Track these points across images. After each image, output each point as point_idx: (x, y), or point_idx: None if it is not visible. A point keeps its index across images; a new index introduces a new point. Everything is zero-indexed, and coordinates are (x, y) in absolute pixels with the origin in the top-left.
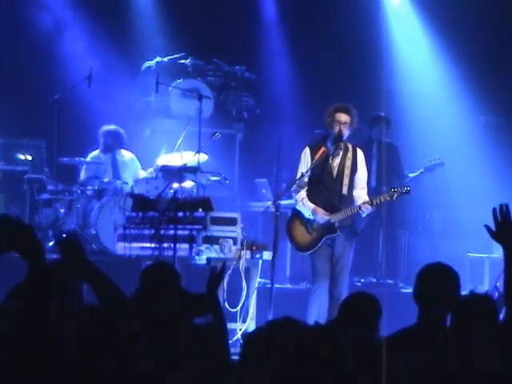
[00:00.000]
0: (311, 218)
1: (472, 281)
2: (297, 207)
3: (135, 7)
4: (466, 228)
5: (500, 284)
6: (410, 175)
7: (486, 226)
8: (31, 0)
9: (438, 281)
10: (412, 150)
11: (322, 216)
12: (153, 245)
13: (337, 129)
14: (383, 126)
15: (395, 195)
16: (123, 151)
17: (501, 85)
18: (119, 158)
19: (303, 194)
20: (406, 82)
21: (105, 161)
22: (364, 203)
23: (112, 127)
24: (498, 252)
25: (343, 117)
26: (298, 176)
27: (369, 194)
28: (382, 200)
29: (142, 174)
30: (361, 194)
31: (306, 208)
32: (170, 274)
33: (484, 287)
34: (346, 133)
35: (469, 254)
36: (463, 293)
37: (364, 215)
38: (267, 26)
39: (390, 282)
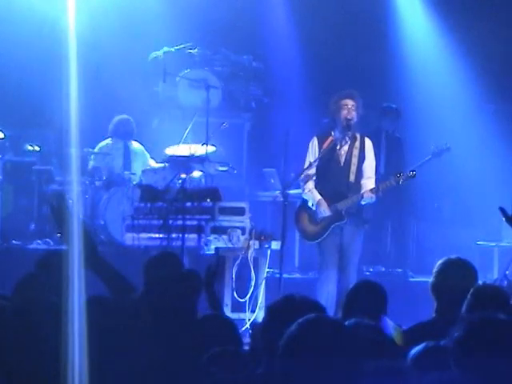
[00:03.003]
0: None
1: (481, 269)
2: (303, 195)
3: None
4: (474, 216)
5: (509, 272)
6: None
7: (501, 209)
8: None
9: (456, 275)
10: (420, 139)
11: (324, 210)
12: (161, 235)
13: (344, 113)
14: (394, 118)
15: (401, 180)
16: (134, 142)
17: (509, 72)
18: (131, 149)
19: (311, 184)
20: (413, 70)
21: (116, 150)
22: (366, 191)
23: (125, 117)
24: (507, 241)
25: (349, 102)
26: (306, 165)
27: (377, 180)
28: (388, 185)
29: (153, 164)
30: (367, 183)
31: (312, 197)
32: (173, 262)
33: (493, 276)
34: (354, 116)
35: (478, 242)
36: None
37: (364, 202)
38: (274, 14)
39: (399, 270)
